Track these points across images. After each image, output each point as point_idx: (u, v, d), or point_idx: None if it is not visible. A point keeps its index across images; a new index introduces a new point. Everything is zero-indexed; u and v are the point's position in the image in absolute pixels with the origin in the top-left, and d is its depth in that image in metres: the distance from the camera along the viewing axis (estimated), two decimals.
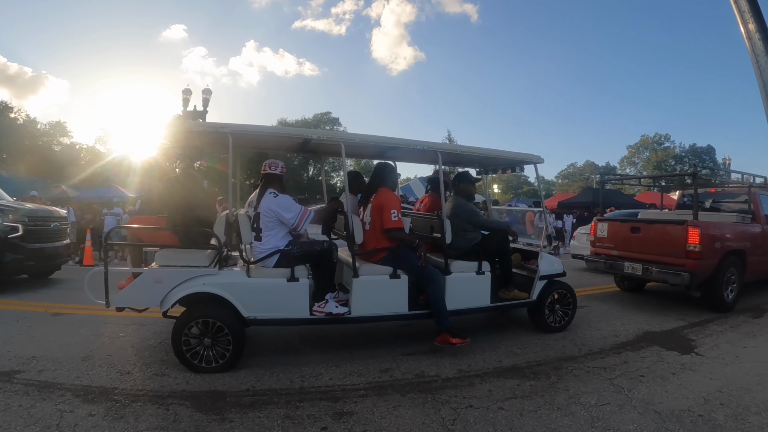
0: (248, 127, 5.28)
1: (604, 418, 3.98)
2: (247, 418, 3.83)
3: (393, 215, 5.50)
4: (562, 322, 6.72)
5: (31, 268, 9.29)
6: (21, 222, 8.78)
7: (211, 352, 4.83)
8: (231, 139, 5.16)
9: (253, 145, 6.67)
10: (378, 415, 3.96)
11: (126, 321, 6.61)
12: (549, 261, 6.73)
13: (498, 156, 6.79)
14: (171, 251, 5.18)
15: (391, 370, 5.01)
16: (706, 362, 5.47)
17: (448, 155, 6.43)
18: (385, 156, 6.84)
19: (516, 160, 6.97)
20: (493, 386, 4.62)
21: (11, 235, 8.57)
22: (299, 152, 7.12)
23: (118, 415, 3.80)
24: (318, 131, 5.62)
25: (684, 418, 4.00)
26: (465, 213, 6.44)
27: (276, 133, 6.29)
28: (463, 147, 6.27)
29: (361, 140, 5.80)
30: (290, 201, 5.38)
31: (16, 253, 8.65)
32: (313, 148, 6.61)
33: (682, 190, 11.69)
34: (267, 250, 5.21)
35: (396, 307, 5.57)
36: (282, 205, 5.25)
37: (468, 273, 6.01)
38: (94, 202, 22.05)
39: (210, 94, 19.70)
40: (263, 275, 5.14)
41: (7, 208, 8.95)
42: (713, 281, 7.96)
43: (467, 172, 7.20)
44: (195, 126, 5.16)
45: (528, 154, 6.80)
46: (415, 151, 6.48)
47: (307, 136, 5.66)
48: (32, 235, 9.04)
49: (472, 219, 6.45)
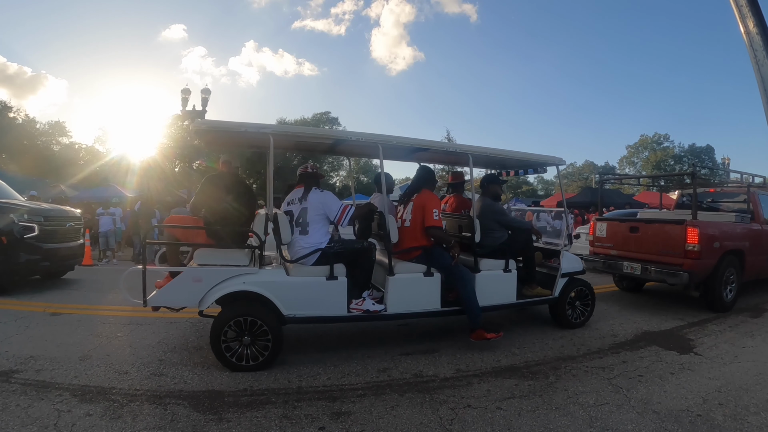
0: (289, 128, 5.32)
1: (603, 418, 3.97)
2: (244, 417, 3.83)
3: (435, 214, 5.69)
4: (582, 318, 6.93)
5: (46, 269, 9.26)
6: (36, 222, 8.75)
7: (250, 350, 4.86)
8: (272, 139, 5.21)
9: (287, 146, 6.75)
10: (376, 414, 3.95)
11: (124, 321, 6.63)
12: (570, 259, 6.88)
13: (522, 158, 6.88)
14: (209, 250, 5.20)
15: (389, 370, 5.01)
16: (705, 362, 5.46)
17: (476, 157, 6.48)
18: (413, 157, 6.93)
19: (538, 161, 7.09)
20: (491, 386, 4.62)
21: (27, 235, 8.54)
22: (329, 153, 7.25)
23: (115, 414, 3.79)
24: (357, 133, 5.70)
25: (683, 418, 3.99)
26: (493, 213, 6.64)
27: (316, 135, 6.49)
28: (491, 149, 6.37)
29: (398, 142, 5.86)
30: (333, 196, 5.61)
31: (32, 253, 8.62)
32: (342, 149, 6.75)
33: (681, 189, 11.69)
34: (312, 245, 5.31)
35: (429, 304, 5.70)
36: (327, 200, 5.45)
37: (496, 271, 6.19)
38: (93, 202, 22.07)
39: (209, 93, 19.72)
40: (302, 273, 5.21)
41: (23, 207, 8.91)
42: (712, 281, 7.96)
43: (494, 174, 7.48)
44: (235, 126, 5.13)
45: (550, 156, 6.95)
46: (444, 153, 6.76)
47: (345, 137, 5.74)
48: (48, 235, 9.00)
49: (499, 218, 6.67)
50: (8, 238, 8.34)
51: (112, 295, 8.73)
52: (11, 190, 10.30)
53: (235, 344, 4.84)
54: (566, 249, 6.92)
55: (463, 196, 7.83)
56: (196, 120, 5.19)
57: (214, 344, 4.82)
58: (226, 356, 4.81)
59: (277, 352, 4.96)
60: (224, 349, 4.81)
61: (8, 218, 8.45)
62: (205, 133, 5.36)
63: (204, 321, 6.24)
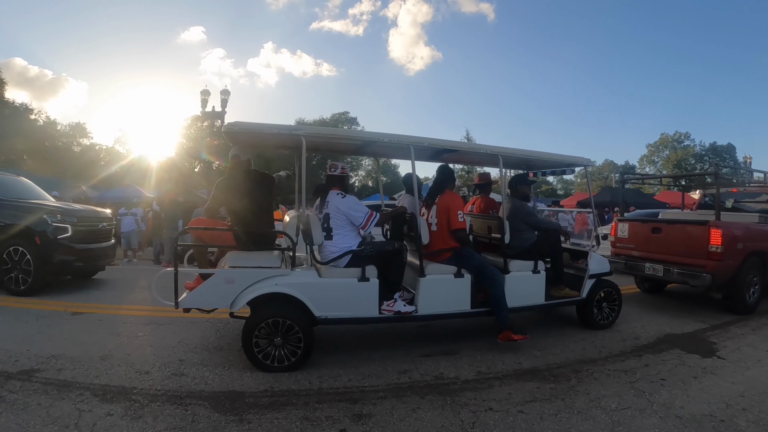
0: (321, 130, 5.33)
1: (625, 422, 3.92)
2: (265, 419, 3.82)
3: (459, 216, 5.72)
4: (609, 320, 6.92)
5: (79, 269, 9.28)
6: (70, 223, 8.75)
7: (281, 352, 4.87)
8: (304, 141, 5.23)
9: (316, 147, 6.73)
10: (397, 417, 3.93)
11: (144, 321, 6.65)
12: (598, 260, 6.88)
13: (551, 159, 6.91)
14: (241, 252, 5.23)
15: (410, 372, 4.98)
16: (728, 366, 5.38)
17: (506, 158, 6.48)
18: (440, 158, 6.91)
19: (567, 162, 7.11)
20: (512, 389, 4.58)
21: (60, 236, 8.55)
22: (357, 154, 7.31)
23: (136, 414, 3.80)
24: (388, 134, 5.68)
25: (705, 423, 3.93)
26: (522, 214, 6.65)
27: (348, 136, 6.62)
28: (521, 150, 6.43)
29: (430, 143, 5.89)
30: (357, 201, 5.52)
31: (65, 254, 8.63)
32: (370, 150, 6.75)
33: (703, 189, 11.55)
34: (339, 250, 5.29)
35: (460, 305, 5.71)
36: (350, 206, 5.36)
37: (525, 272, 6.21)
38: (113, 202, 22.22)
39: (228, 95, 19.87)
40: (334, 275, 5.21)
41: (56, 208, 8.93)
42: (735, 283, 7.85)
43: (524, 174, 7.46)
44: (268, 128, 5.15)
45: (579, 157, 6.95)
46: (474, 154, 6.75)
47: (377, 139, 5.72)
48: (81, 235, 9.02)
49: (528, 219, 6.68)
50: (42, 238, 8.36)
51: (133, 294, 8.83)
52: (42, 191, 10.35)
53: (266, 345, 4.85)
54: (594, 250, 6.90)
55: (489, 197, 7.81)
56: (228, 122, 5.19)
57: (246, 346, 4.83)
58: (258, 357, 4.83)
59: (309, 353, 4.97)
60: (256, 351, 4.82)
61: (41, 219, 8.47)
62: (236, 134, 5.36)
63: (224, 321, 6.32)
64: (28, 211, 8.59)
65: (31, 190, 9.99)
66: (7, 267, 8.23)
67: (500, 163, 6.39)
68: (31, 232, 8.36)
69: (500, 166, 6.48)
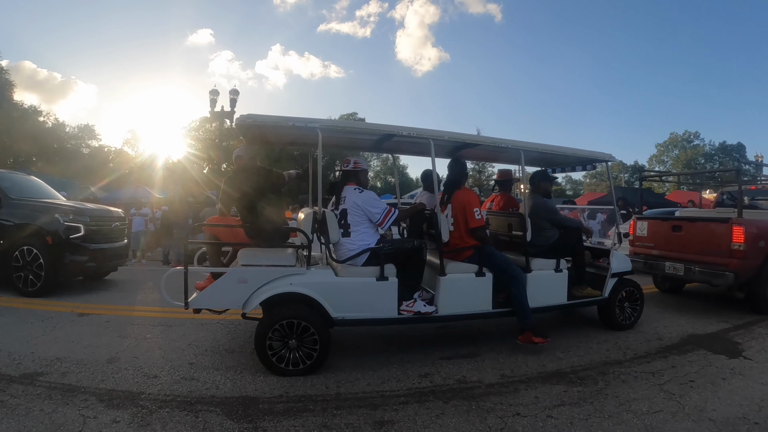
0: (337, 122, 5.21)
1: (658, 426, 3.79)
2: (281, 426, 3.67)
3: (476, 214, 5.61)
4: (631, 320, 6.77)
5: (91, 270, 9.17)
6: (82, 222, 8.64)
7: (296, 354, 4.73)
8: (321, 134, 5.12)
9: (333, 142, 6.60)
10: (420, 424, 3.77)
11: (153, 322, 6.55)
12: (620, 259, 6.76)
13: (572, 154, 6.79)
14: (254, 250, 5.11)
15: (431, 375, 4.83)
16: (756, 366, 5.24)
17: (527, 153, 6.35)
18: (459, 154, 6.82)
19: (588, 158, 7.01)
20: (539, 393, 4.42)
21: (73, 236, 8.43)
22: (374, 150, 7.25)
23: (144, 422, 3.67)
24: (406, 127, 5.56)
25: (740, 426, 3.81)
26: (544, 211, 6.55)
27: (366, 129, 6.45)
28: (542, 145, 6.33)
29: (450, 137, 5.82)
30: (375, 197, 5.40)
31: (78, 254, 8.53)
32: (388, 146, 6.71)
33: (721, 187, 11.40)
34: (357, 247, 5.18)
35: (481, 304, 5.57)
36: (367, 201, 5.25)
37: (547, 270, 6.08)
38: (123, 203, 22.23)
39: (237, 94, 20.03)
40: (352, 274, 5.09)
41: (68, 208, 8.84)
42: (757, 281, 7.66)
43: (545, 170, 7.33)
44: (283, 120, 5.03)
45: (600, 152, 6.88)
46: (494, 149, 6.51)
47: (396, 132, 5.56)
48: (94, 235, 8.93)
49: (551, 217, 6.58)
50: (54, 238, 8.27)
51: (142, 295, 8.76)
52: (54, 191, 10.32)
53: (280, 348, 4.71)
54: (616, 248, 6.77)
55: (510, 194, 7.67)
56: (242, 114, 5.06)
57: (259, 349, 4.68)
58: (272, 361, 4.68)
59: (325, 355, 4.82)
60: (270, 354, 4.68)
61: (53, 218, 8.39)
62: (249, 128, 5.28)
63: (235, 323, 6.23)
64: (39, 211, 8.53)
65: (42, 190, 9.94)
66: (18, 267, 8.13)
67: (522, 159, 6.21)
68: (43, 232, 8.26)
69: (522, 162, 6.30)
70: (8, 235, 8.25)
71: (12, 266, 8.12)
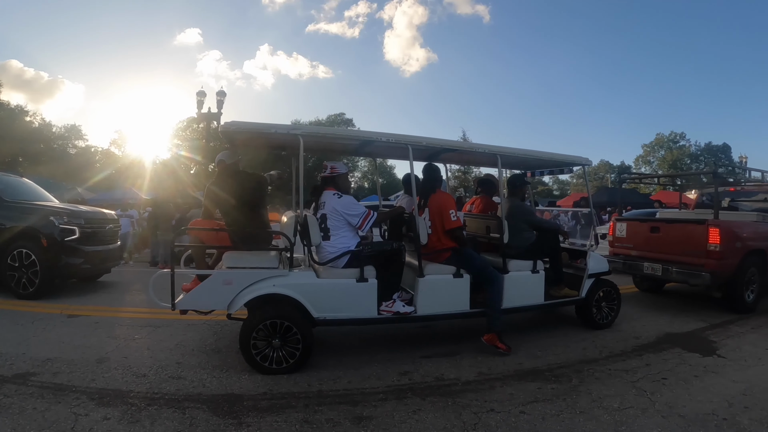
0: (319, 129, 5.31)
1: (628, 422, 3.91)
2: (264, 422, 3.78)
3: (452, 215, 5.68)
4: (609, 319, 6.91)
5: (87, 271, 9.18)
6: (77, 224, 8.64)
7: (281, 353, 4.84)
8: (302, 141, 5.23)
9: (315, 147, 6.70)
10: (398, 419, 3.90)
11: (141, 323, 6.61)
12: (597, 260, 6.89)
13: (550, 158, 6.90)
14: (239, 253, 5.19)
15: (410, 374, 4.95)
16: (729, 364, 5.39)
17: (505, 157, 6.47)
18: (439, 158, 6.95)
19: (565, 162, 7.11)
20: (514, 389, 4.55)
21: (68, 238, 8.44)
22: (356, 155, 7.33)
23: (133, 418, 3.76)
24: (387, 134, 5.68)
25: (708, 422, 3.93)
26: (521, 213, 6.68)
27: (345, 135, 6.64)
28: (520, 150, 6.43)
29: (428, 143, 5.87)
30: (353, 202, 5.49)
31: (73, 256, 8.53)
32: (369, 151, 6.77)
33: (701, 189, 11.55)
34: (337, 250, 5.27)
35: (459, 305, 5.68)
36: (346, 206, 5.34)
37: (524, 272, 6.18)
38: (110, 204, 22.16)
39: (224, 96, 19.83)
40: (333, 276, 5.19)
41: (63, 210, 8.82)
42: (734, 281, 7.85)
43: (522, 174, 7.49)
44: (265, 128, 5.14)
45: (577, 156, 6.94)
46: (472, 154, 6.70)
47: (375, 138, 5.69)
48: (89, 237, 8.92)
49: (527, 219, 6.70)
50: (49, 240, 8.26)
51: (130, 296, 8.79)
52: (47, 193, 10.24)
53: (264, 347, 4.81)
54: (592, 249, 6.89)
55: (492, 198, 7.75)
56: (226, 121, 5.17)
57: (243, 348, 4.79)
58: (257, 360, 4.78)
59: (308, 354, 4.93)
60: (254, 353, 4.78)
61: (48, 221, 8.38)
62: (233, 134, 5.36)
63: (222, 323, 6.30)
64: (34, 213, 8.52)
65: (35, 192, 9.89)
66: (13, 269, 8.13)
67: (499, 162, 6.36)
68: (38, 234, 8.27)
69: (499, 166, 6.43)
70: (3, 237, 8.23)
71: (7, 269, 8.12)
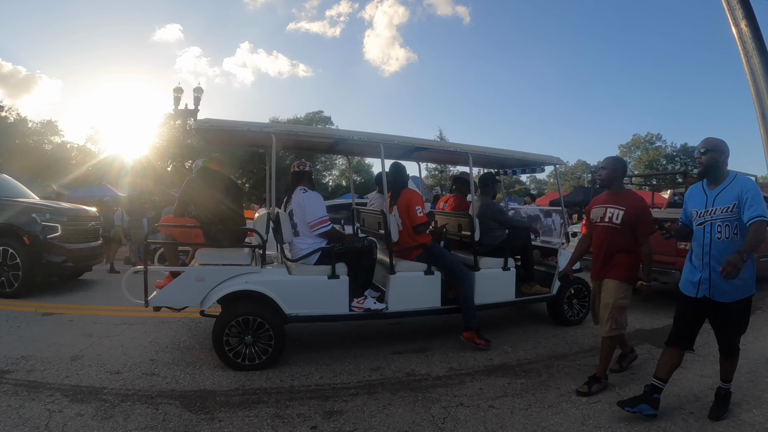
0: (291, 127, 5.31)
1: (595, 416, 3.99)
2: (236, 417, 3.82)
3: (419, 212, 5.72)
4: (579, 316, 7.00)
5: (69, 269, 9.05)
6: (60, 222, 8.56)
7: (252, 350, 4.87)
8: (274, 138, 5.25)
9: (288, 145, 6.79)
10: (368, 413, 3.96)
11: (116, 321, 6.59)
12: (567, 258, 6.79)
13: (521, 158, 6.99)
14: (211, 250, 5.21)
15: (382, 369, 5.02)
16: (697, 360, 5.47)
17: (476, 156, 6.54)
18: (412, 157, 7.03)
19: (537, 161, 7.20)
20: (483, 384, 4.63)
21: (50, 236, 8.34)
22: (330, 152, 7.34)
23: (107, 414, 3.78)
24: (359, 132, 5.76)
25: (675, 416, 4.00)
26: (492, 212, 6.71)
27: (318, 134, 6.55)
28: (491, 149, 6.50)
29: (399, 141, 5.90)
30: (317, 200, 5.46)
31: (55, 253, 8.43)
32: (343, 149, 6.82)
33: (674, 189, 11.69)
34: (308, 247, 5.30)
35: (430, 302, 5.76)
36: (306, 202, 5.35)
37: (495, 269, 6.25)
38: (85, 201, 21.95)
39: (201, 92, 19.69)
40: (304, 272, 5.24)
41: (45, 207, 8.71)
42: None
43: (492, 173, 7.54)
44: (239, 125, 5.16)
45: (548, 155, 7.04)
46: (444, 152, 6.88)
47: (347, 137, 5.73)
48: (71, 235, 8.83)
49: (498, 217, 6.73)
50: (31, 238, 8.16)
51: (104, 294, 8.70)
52: (27, 189, 10.06)
53: (237, 344, 4.84)
54: (563, 247, 6.98)
55: (465, 198, 7.77)
56: (199, 119, 5.20)
57: (216, 344, 4.81)
58: (229, 356, 4.82)
59: (280, 350, 4.98)
60: (227, 349, 4.81)
61: (30, 218, 8.27)
62: (207, 131, 5.39)
63: (196, 321, 6.30)
64: (15, 210, 8.38)
65: (16, 189, 9.70)
66: None
67: (470, 161, 6.44)
68: (20, 232, 8.17)
69: (470, 164, 6.52)
70: None
71: None
